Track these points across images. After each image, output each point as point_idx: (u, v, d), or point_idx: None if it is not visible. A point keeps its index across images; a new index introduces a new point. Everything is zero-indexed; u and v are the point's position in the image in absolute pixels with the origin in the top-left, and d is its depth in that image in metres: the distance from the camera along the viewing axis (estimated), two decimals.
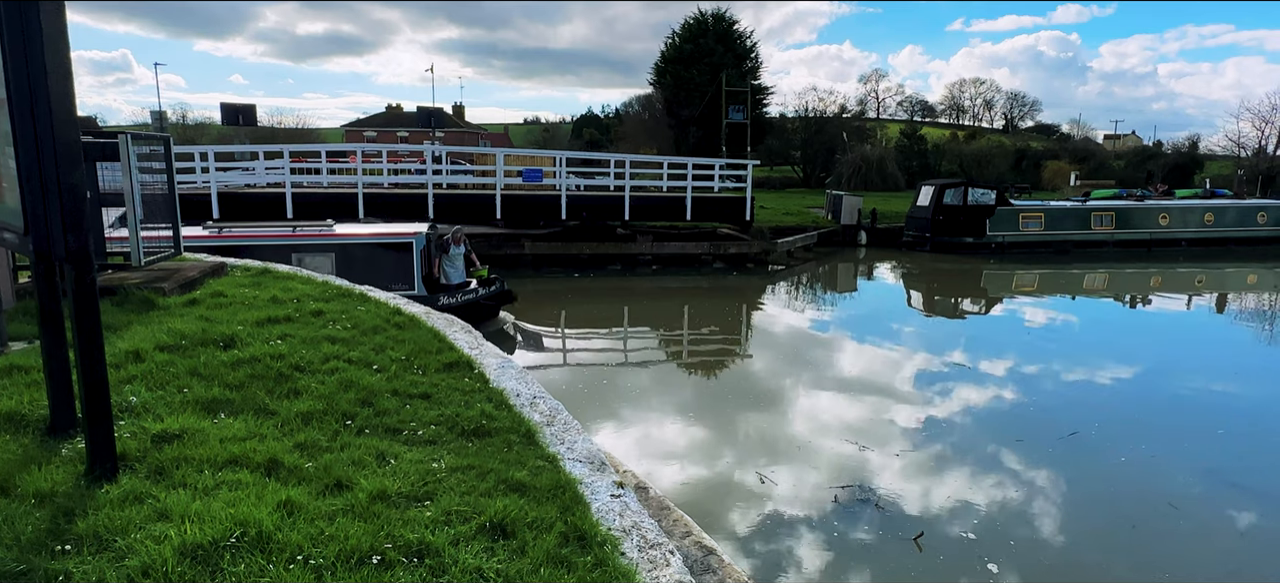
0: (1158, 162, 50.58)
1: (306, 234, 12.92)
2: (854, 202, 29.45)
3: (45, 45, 2.74)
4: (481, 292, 14.01)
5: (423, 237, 13.22)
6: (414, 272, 12.93)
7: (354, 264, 12.58)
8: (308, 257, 12.50)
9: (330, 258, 12.64)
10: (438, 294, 13.27)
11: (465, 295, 13.62)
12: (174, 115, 54.92)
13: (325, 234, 13.02)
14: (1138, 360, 13.37)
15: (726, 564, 3.85)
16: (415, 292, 12.80)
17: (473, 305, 13.67)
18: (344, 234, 13.11)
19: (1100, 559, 6.40)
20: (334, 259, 12.64)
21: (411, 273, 12.92)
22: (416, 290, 12.83)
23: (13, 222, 3.08)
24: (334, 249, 12.76)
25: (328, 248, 12.75)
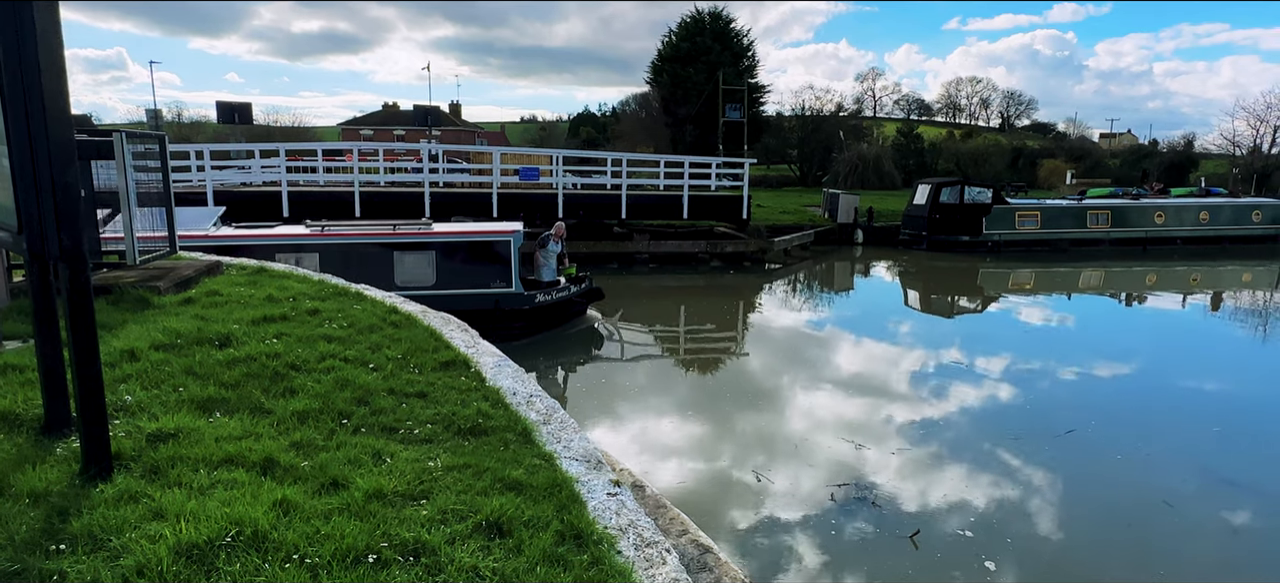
0: (1153, 160, 50.70)
1: (406, 232, 12.98)
2: (851, 200, 29.48)
3: (39, 43, 2.73)
4: (574, 289, 14.08)
5: (520, 234, 13.33)
6: (512, 269, 13.02)
7: (452, 262, 12.79)
8: (407, 255, 12.66)
9: (431, 256, 12.78)
10: (534, 292, 13.37)
11: (559, 293, 13.72)
12: (169, 114, 54.84)
13: (424, 233, 13.10)
14: (1134, 358, 13.41)
15: (723, 562, 3.85)
16: (513, 289, 12.95)
17: (565, 303, 13.76)
18: (442, 232, 13.20)
19: (1096, 557, 6.42)
20: (434, 257, 12.78)
21: (509, 270, 13.01)
22: (514, 288, 12.97)
23: (7, 220, 3.07)
24: (434, 247, 12.87)
25: (428, 246, 12.86)
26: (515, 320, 13.06)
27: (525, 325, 13.22)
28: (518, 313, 13.08)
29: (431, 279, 12.75)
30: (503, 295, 12.87)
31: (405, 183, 24.01)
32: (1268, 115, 49.49)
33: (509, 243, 13.00)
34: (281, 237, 12.64)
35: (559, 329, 13.87)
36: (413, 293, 12.47)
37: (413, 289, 12.42)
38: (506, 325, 12.92)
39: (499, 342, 12.54)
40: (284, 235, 12.67)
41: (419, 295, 12.50)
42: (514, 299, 12.95)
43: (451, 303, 12.57)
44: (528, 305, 13.17)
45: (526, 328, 13.23)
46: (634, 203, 22.70)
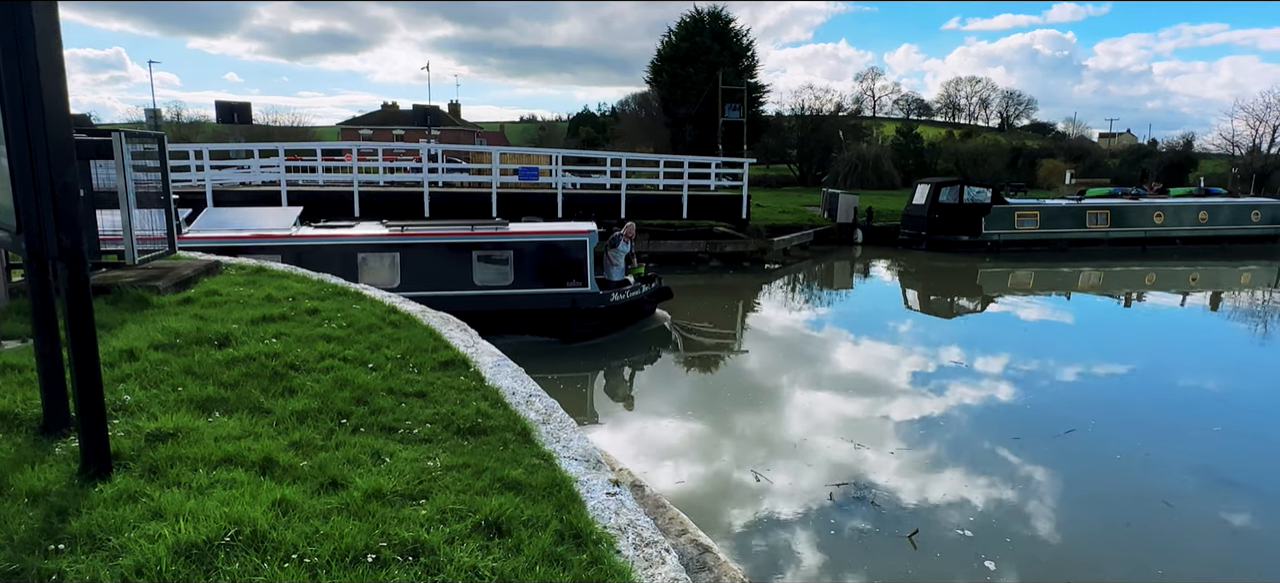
0: (1153, 160, 50.73)
1: (484, 233, 13.15)
2: (850, 200, 29.49)
3: (37, 42, 2.73)
4: (645, 289, 14.22)
5: (595, 234, 13.47)
6: (587, 269, 13.17)
7: (529, 262, 12.95)
8: (486, 255, 12.85)
9: (508, 256, 12.96)
10: (609, 291, 13.49)
11: (632, 292, 13.85)
12: (168, 113, 54.83)
13: (502, 233, 13.26)
14: (1133, 358, 13.41)
15: (722, 562, 3.85)
16: (589, 289, 13.08)
17: (637, 302, 13.89)
18: (519, 232, 13.35)
19: (1096, 556, 6.42)
20: (511, 257, 12.95)
21: (585, 270, 13.16)
22: (589, 287, 13.11)
23: (6, 220, 3.06)
24: (511, 247, 13.02)
25: (506, 246, 13.02)
26: (592, 320, 13.24)
27: (601, 325, 13.39)
28: (594, 312, 13.25)
29: (509, 279, 12.95)
30: (579, 295, 13.04)
31: (404, 183, 24.00)
32: (1267, 115, 49.59)
33: (584, 243, 13.18)
34: (363, 237, 12.82)
35: (631, 328, 14.04)
36: (491, 292, 12.65)
37: (491, 289, 12.68)
38: (583, 324, 13.11)
39: (576, 341, 12.54)
40: (366, 236, 12.86)
41: (497, 295, 12.65)
42: (590, 298, 13.15)
43: (529, 302, 12.80)
44: (604, 304, 13.35)
45: (602, 327, 13.41)
46: (633, 203, 22.69)
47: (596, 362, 12.62)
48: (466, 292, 12.66)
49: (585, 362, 12.62)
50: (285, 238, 12.51)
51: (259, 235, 12.41)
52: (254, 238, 12.32)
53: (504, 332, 12.77)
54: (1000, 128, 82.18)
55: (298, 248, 12.36)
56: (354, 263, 12.47)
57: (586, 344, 13.07)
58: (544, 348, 12.84)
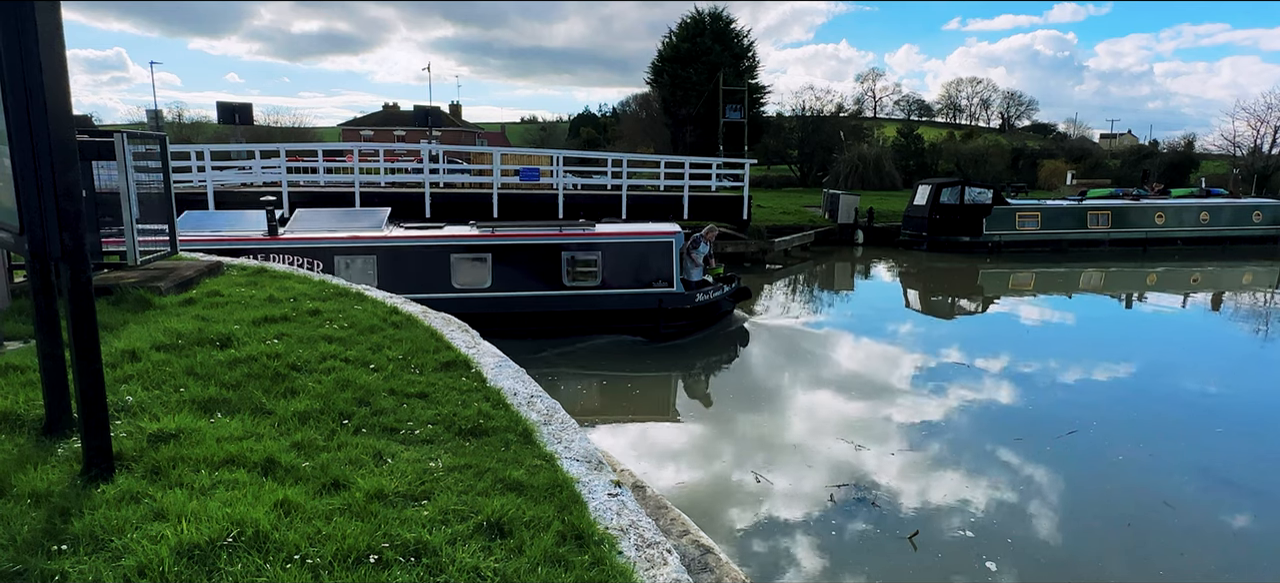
0: (1154, 161, 50.67)
1: (572, 234, 13.30)
2: (851, 201, 29.48)
3: (40, 43, 2.73)
4: (725, 289, 14.40)
5: (681, 236, 13.65)
6: (673, 270, 13.32)
7: (617, 263, 13.16)
8: (575, 256, 13.03)
9: (598, 256, 13.15)
10: (695, 291, 13.67)
11: (715, 293, 14.03)
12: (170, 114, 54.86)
13: (590, 234, 13.38)
14: (1135, 359, 13.41)
15: (724, 563, 3.86)
16: (675, 289, 13.26)
17: (719, 302, 14.07)
18: (607, 234, 13.52)
19: (1097, 557, 6.42)
20: (600, 257, 13.15)
21: (671, 271, 13.31)
22: (675, 288, 13.30)
23: (8, 221, 3.07)
24: (600, 248, 13.21)
25: (595, 247, 13.19)
26: (678, 319, 13.44)
27: (686, 325, 13.61)
28: (680, 312, 13.44)
29: (598, 279, 13.13)
30: (666, 295, 13.23)
31: (405, 183, 24.00)
32: (1268, 116, 49.53)
33: (671, 244, 13.36)
34: (455, 238, 13.00)
35: (713, 328, 14.23)
36: (580, 293, 12.90)
37: (579, 290, 12.87)
38: (670, 324, 13.30)
39: (662, 341, 12.81)
40: (458, 236, 13.06)
41: (586, 295, 12.91)
42: (676, 299, 13.34)
43: (617, 302, 13.06)
44: (689, 305, 13.53)
45: (687, 327, 13.61)
46: (634, 203, 22.69)
47: (675, 361, 12.80)
48: (556, 292, 12.93)
49: (665, 361, 12.80)
50: (380, 240, 12.71)
51: (355, 238, 12.70)
52: (350, 240, 12.62)
53: (592, 331, 13.11)
54: (1001, 129, 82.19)
55: (392, 250, 12.64)
56: (446, 264, 12.72)
57: (669, 344, 13.31)
58: (623, 349, 13.02)
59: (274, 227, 12.71)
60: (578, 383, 11.52)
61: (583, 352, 12.75)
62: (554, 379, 11.46)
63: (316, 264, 12.23)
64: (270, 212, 12.86)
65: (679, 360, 12.71)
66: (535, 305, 12.88)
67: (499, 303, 12.78)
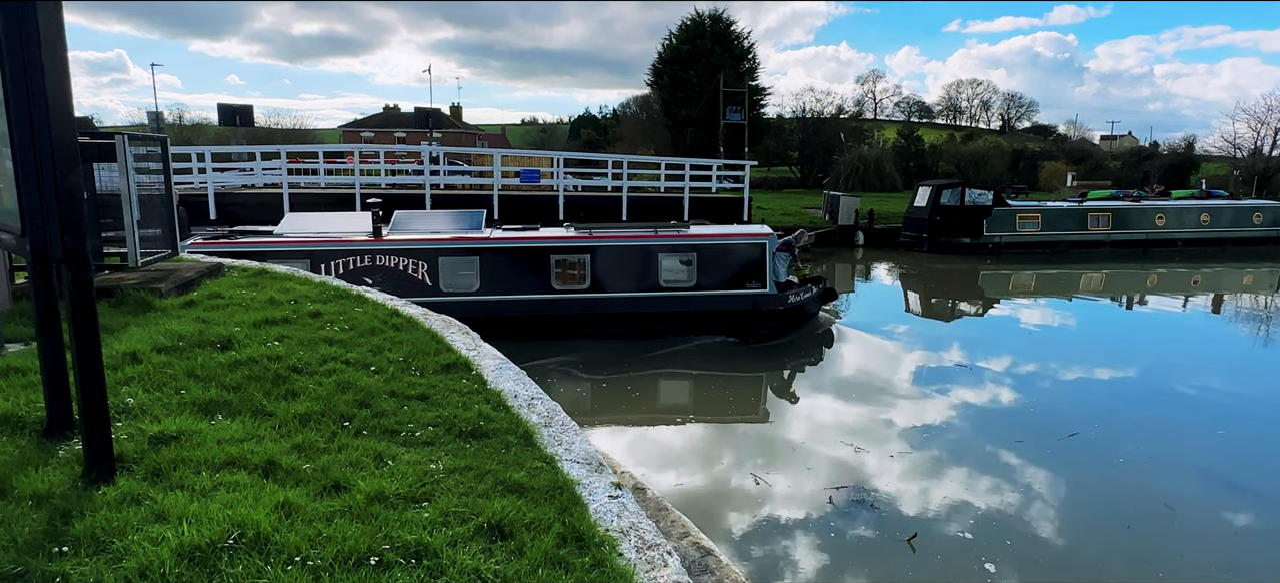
0: (1154, 162, 50.67)
1: (668, 235, 13.49)
2: (851, 202, 29.48)
3: (42, 45, 2.74)
4: (813, 290, 14.60)
5: (774, 238, 13.84)
6: (766, 271, 13.48)
7: (712, 264, 13.30)
8: (671, 257, 13.21)
9: (692, 257, 13.29)
10: (787, 292, 13.86)
11: (804, 294, 14.23)
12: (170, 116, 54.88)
13: (686, 236, 13.57)
14: (1136, 361, 13.40)
15: (725, 565, 3.86)
16: (768, 290, 13.44)
17: (805, 304, 14.24)
18: (702, 235, 13.69)
19: (1097, 559, 6.41)
20: (695, 260, 13.29)
21: (763, 273, 13.47)
22: (768, 289, 13.47)
23: (10, 223, 3.07)
24: (695, 250, 13.35)
25: (690, 249, 13.34)
26: (771, 320, 13.60)
27: (779, 325, 13.77)
28: (774, 313, 13.59)
29: (693, 280, 13.29)
30: (760, 296, 13.39)
31: (406, 185, 24.02)
32: (1268, 117, 49.52)
33: (764, 246, 13.53)
34: (556, 240, 13.21)
35: (802, 329, 14.41)
36: (676, 294, 13.12)
37: (676, 290, 13.07)
38: (763, 325, 13.45)
39: (756, 342, 13.06)
40: (558, 238, 13.27)
41: (682, 296, 13.12)
42: (770, 300, 13.51)
43: (712, 303, 13.27)
44: (783, 306, 13.69)
45: (779, 328, 13.78)
46: (635, 205, 22.71)
47: (762, 361, 12.92)
48: (653, 293, 13.13)
49: (759, 362, 12.93)
50: (482, 241, 12.96)
51: (458, 239, 12.95)
52: (454, 241, 12.87)
53: (687, 331, 13.32)
54: (1001, 130, 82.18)
55: (494, 251, 12.85)
56: (547, 265, 12.90)
57: (762, 346, 13.45)
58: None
59: (378, 228, 12.90)
60: (680, 382, 11.85)
61: (685, 352, 12.95)
62: (654, 379, 11.78)
63: (421, 265, 12.53)
64: (376, 213, 13.03)
65: (766, 362, 12.84)
66: (632, 306, 13.15)
67: (597, 304, 13.04)
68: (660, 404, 11.08)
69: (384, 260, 12.53)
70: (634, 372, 11.91)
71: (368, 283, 12.17)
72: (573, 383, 11.48)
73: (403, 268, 12.58)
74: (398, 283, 12.43)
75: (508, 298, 12.83)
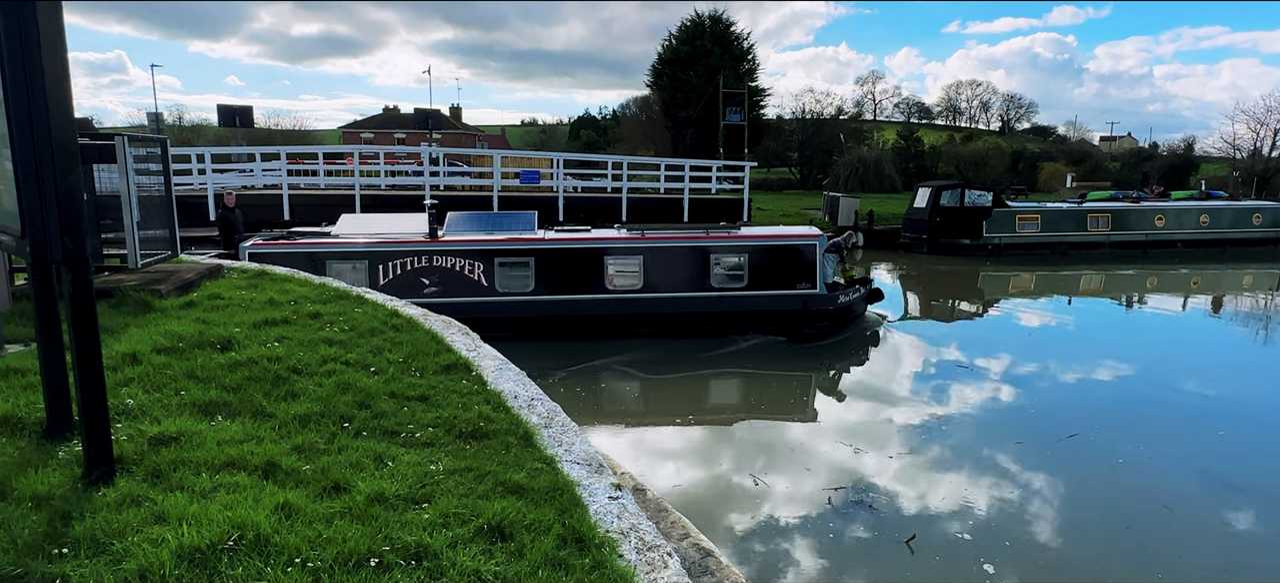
0: (1153, 163, 50.68)
1: (719, 236, 13.66)
2: (851, 203, 29.49)
3: (42, 47, 2.74)
4: (861, 291, 14.74)
5: (824, 239, 13.98)
6: (816, 272, 13.62)
7: (762, 264, 13.48)
8: (722, 258, 13.39)
9: (743, 259, 13.47)
10: (837, 293, 14.00)
11: (854, 294, 14.37)
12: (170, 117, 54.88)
13: (736, 237, 13.75)
14: (1135, 361, 13.40)
15: (725, 566, 3.85)
16: (818, 290, 13.60)
17: (853, 304, 14.37)
18: (752, 236, 13.89)
19: (1095, 560, 6.41)
20: (746, 260, 13.46)
21: (814, 273, 13.62)
22: (818, 289, 13.61)
23: (10, 224, 3.07)
24: (747, 251, 13.51)
25: (742, 249, 13.50)
26: (821, 320, 13.74)
27: (829, 325, 13.89)
28: (824, 313, 13.74)
29: (744, 281, 13.45)
30: (810, 296, 13.54)
31: (406, 186, 24.03)
32: (1267, 118, 49.56)
33: (814, 247, 13.68)
34: (609, 240, 13.39)
35: (851, 329, 14.51)
36: (727, 294, 13.30)
37: (727, 290, 13.24)
38: (813, 325, 13.59)
39: (805, 341, 13.17)
40: (611, 239, 13.46)
41: (734, 296, 13.29)
42: (820, 300, 13.66)
43: (763, 303, 13.42)
44: (832, 306, 13.83)
45: (829, 328, 13.91)
46: (634, 206, 22.72)
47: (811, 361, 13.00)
48: (704, 293, 13.29)
49: (807, 362, 13.00)
50: (538, 242, 13.11)
51: (514, 240, 13.09)
52: (509, 241, 13.02)
53: (738, 331, 13.45)
54: (1001, 131, 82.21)
55: (549, 252, 13.02)
56: (600, 264, 13.08)
57: (814, 345, 13.55)
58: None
59: (434, 229, 13.07)
60: (731, 381, 11.97)
61: (739, 353, 13.06)
62: (708, 380, 11.96)
63: (477, 266, 12.71)
64: (432, 214, 13.18)
65: (811, 362, 12.93)
66: (685, 306, 13.32)
67: (650, 304, 13.20)
68: (712, 404, 11.19)
69: (441, 261, 12.71)
70: (688, 371, 12.12)
71: (425, 283, 12.48)
72: (629, 382, 11.70)
73: (459, 268, 12.78)
74: (454, 283, 12.70)
75: (562, 298, 13.03)
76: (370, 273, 12.49)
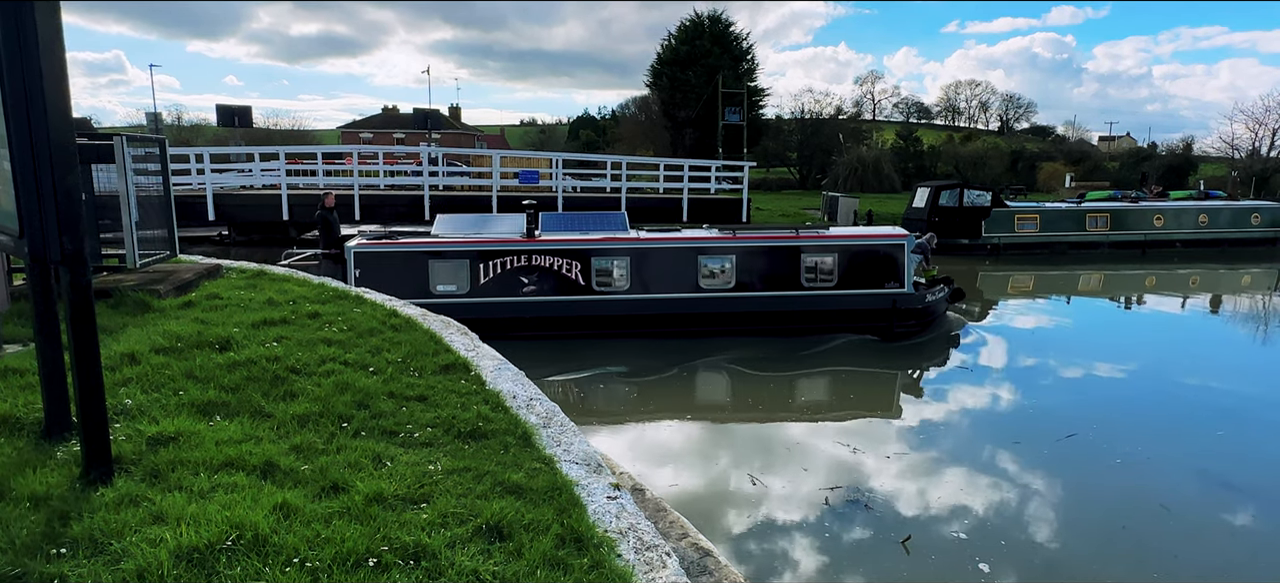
0: (1152, 163, 50.71)
1: (809, 236, 13.82)
2: (850, 203, 29.50)
3: (40, 47, 2.74)
4: (944, 290, 14.86)
5: (912, 239, 14.10)
6: (904, 272, 13.74)
7: (851, 264, 13.64)
8: (813, 257, 13.54)
9: (834, 258, 13.62)
10: (924, 292, 14.11)
11: (938, 293, 14.50)
12: (169, 117, 54.85)
13: (826, 236, 13.93)
14: (1134, 361, 13.42)
15: (723, 566, 3.86)
16: (906, 290, 13.71)
17: (938, 303, 14.46)
18: (842, 236, 14.06)
19: (1092, 559, 6.42)
20: (836, 259, 13.62)
21: (902, 273, 13.74)
22: (906, 289, 13.73)
23: (8, 224, 3.08)
24: (836, 250, 13.64)
25: (831, 249, 13.65)
26: (909, 319, 13.86)
27: (916, 324, 14.02)
28: (912, 312, 13.86)
29: (834, 280, 13.59)
30: (899, 296, 13.65)
31: (405, 186, 24.03)
32: (1266, 118, 49.60)
33: (903, 247, 13.82)
34: (702, 240, 13.57)
35: (936, 328, 14.63)
36: (817, 293, 13.43)
37: (817, 290, 13.44)
38: (902, 324, 13.71)
39: (895, 340, 13.35)
40: (703, 238, 13.65)
41: (823, 295, 13.42)
42: (908, 299, 13.78)
43: (853, 302, 13.55)
44: (920, 305, 13.95)
45: (916, 327, 14.04)
46: (634, 206, 22.70)
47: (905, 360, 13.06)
48: (794, 292, 13.45)
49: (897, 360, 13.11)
50: (633, 241, 13.30)
51: (611, 240, 13.31)
52: (606, 241, 13.22)
53: (828, 330, 13.60)
54: (1000, 131, 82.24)
55: (644, 251, 13.19)
56: (693, 264, 13.24)
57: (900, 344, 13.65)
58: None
59: (532, 229, 13.24)
60: (825, 380, 12.13)
61: (832, 351, 13.17)
62: (802, 379, 11.99)
63: (574, 265, 12.90)
64: (531, 215, 13.35)
65: (901, 361, 13.02)
66: (775, 305, 13.46)
67: (741, 302, 13.35)
68: (801, 403, 11.24)
69: (540, 260, 12.91)
70: (786, 371, 12.22)
71: (523, 282, 12.76)
72: (733, 379, 11.85)
73: (557, 267, 12.97)
74: (553, 282, 12.93)
75: (657, 297, 13.21)
76: (471, 272, 12.78)
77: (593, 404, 10.75)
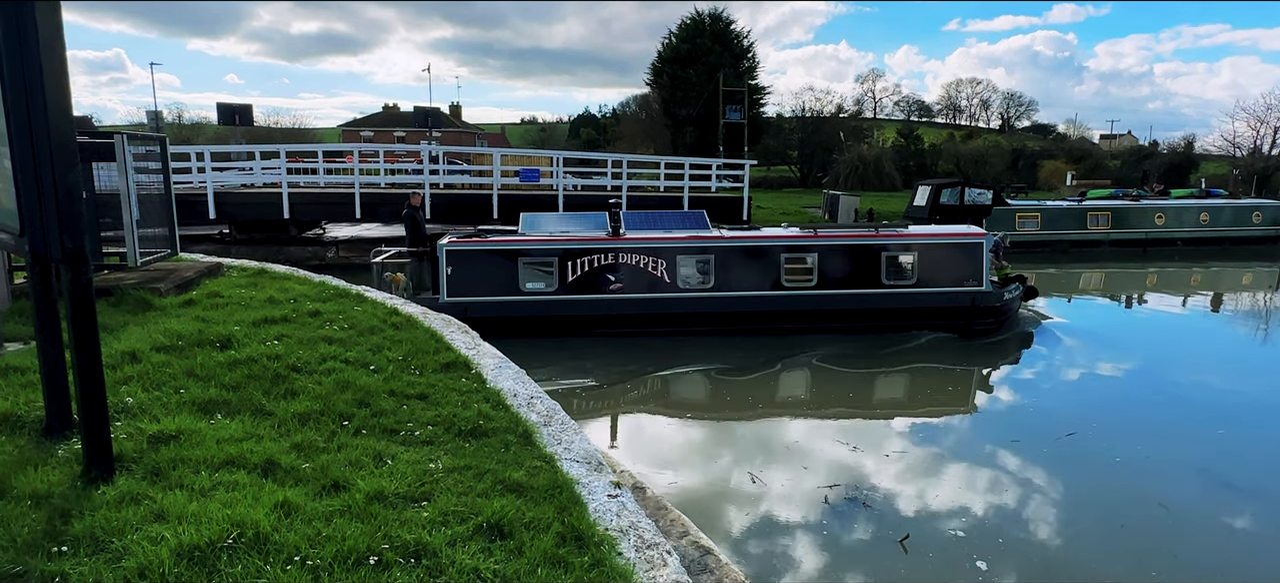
0: (1153, 161, 50.64)
1: (889, 235, 13.99)
2: (851, 201, 29.48)
3: (41, 45, 2.74)
4: (1018, 288, 14.98)
5: (991, 238, 14.26)
6: (984, 270, 13.86)
7: (931, 262, 13.80)
8: (893, 256, 13.71)
9: (913, 257, 13.79)
10: (1001, 290, 14.23)
11: (1014, 292, 14.63)
12: (170, 115, 54.88)
13: (906, 235, 14.11)
14: (1135, 360, 13.41)
15: (724, 564, 3.86)
16: (984, 288, 13.84)
17: (1015, 301, 14.59)
18: (922, 235, 14.20)
19: (1090, 558, 6.41)
20: (916, 258, 13.77)
21: (981, 270, 13.85)
22: (984, 287, 13.88)
23: (9, 222, 3.08)
24: (916, 249, 13.80)
25: (911, 247, 13.82)
26: (987, 317, 14.00)
27: (994, 322, 14.15)
28: (991, 310, 14.00)
29: (914, 278, 13.75)
30: (979, 294, 13.80)
31: (405, 184, 24.02)
32: (1268, 116, 49.54)
33: (981, 245, 13.94)
34: (784, 239, 13.79)
35: (1013, 325, 14.74)
36: (897, 291, 13.61)
37: (897, 288, 13.60)
38: (980, 321, 13.86)
39: (974, 338, 13.49)
40: (785, 237, 13.89)
41: (904, 293, 13.59)
42: (987, 297, 13.92)
43: (932, 300, 13.71)
44: (998, 302, 14.09)
45: (994, 325, 14.17)
46: (634, 204, 22.70)
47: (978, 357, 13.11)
48: (875, 290, 13.58)
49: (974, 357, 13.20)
50: (716, 240, 13.44)
51: (694, 238, 13.46)
52: (690, 240, 13.39)
53: (908, 327, 13.76)
54: (1001, 129, 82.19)
55: (727, 250, 13.35)
56: (776, 263, 13.42)
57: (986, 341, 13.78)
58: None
59: (617, 228, 13.40)
60: (906, 376, 12.23)
61: (918, 348, 13.28)
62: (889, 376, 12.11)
63: (660, 263, 13.08)
64: (613, 213, 13.54)
65: (978, 359, 13.10)
66: (855, 302, 13.62)
67: (823, 301, 13.50)
68: (880, 399, 11.36)
69: (625, 258, 13.07)
70: (877, 369, 12.34)
71: (610, 280, 12.95)
72: (825, 377, 11.93)
73: (643, 265, 13.15)
74: (638, 279, 13.10)
75: (740, 295, 13.35)
76: (559, 270, 12.95)
77: (592, 403, 10.75)
